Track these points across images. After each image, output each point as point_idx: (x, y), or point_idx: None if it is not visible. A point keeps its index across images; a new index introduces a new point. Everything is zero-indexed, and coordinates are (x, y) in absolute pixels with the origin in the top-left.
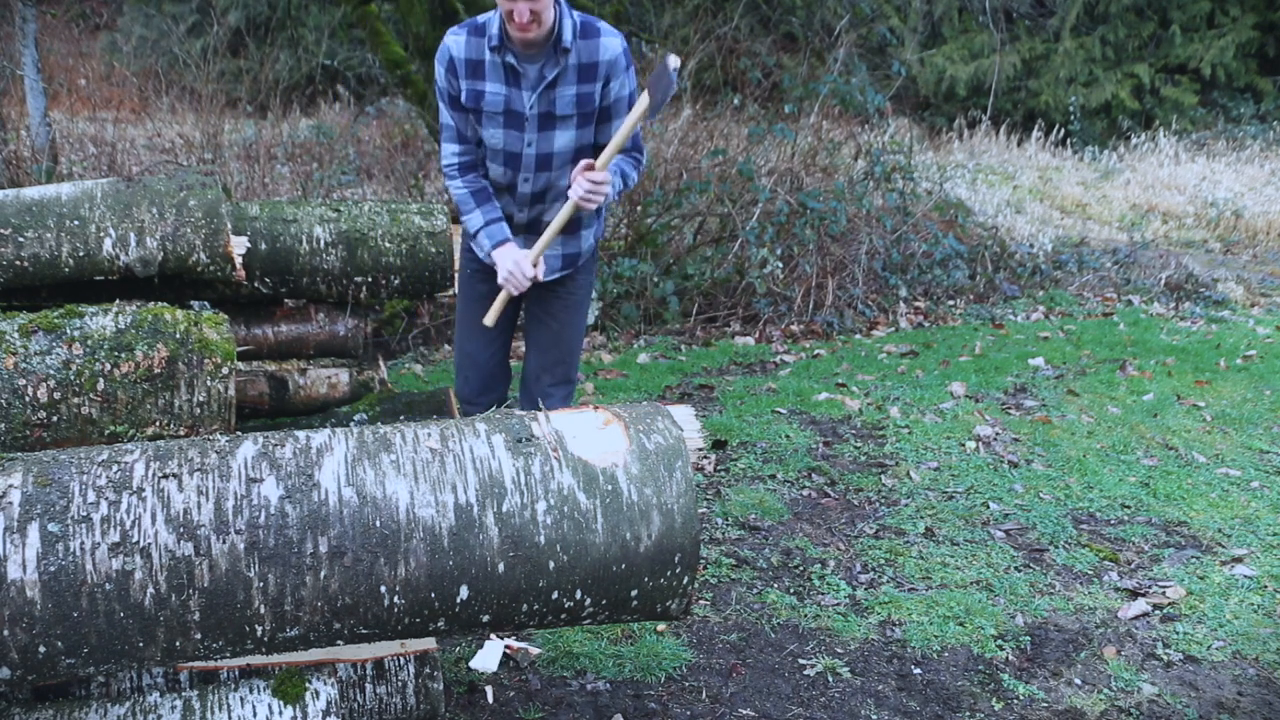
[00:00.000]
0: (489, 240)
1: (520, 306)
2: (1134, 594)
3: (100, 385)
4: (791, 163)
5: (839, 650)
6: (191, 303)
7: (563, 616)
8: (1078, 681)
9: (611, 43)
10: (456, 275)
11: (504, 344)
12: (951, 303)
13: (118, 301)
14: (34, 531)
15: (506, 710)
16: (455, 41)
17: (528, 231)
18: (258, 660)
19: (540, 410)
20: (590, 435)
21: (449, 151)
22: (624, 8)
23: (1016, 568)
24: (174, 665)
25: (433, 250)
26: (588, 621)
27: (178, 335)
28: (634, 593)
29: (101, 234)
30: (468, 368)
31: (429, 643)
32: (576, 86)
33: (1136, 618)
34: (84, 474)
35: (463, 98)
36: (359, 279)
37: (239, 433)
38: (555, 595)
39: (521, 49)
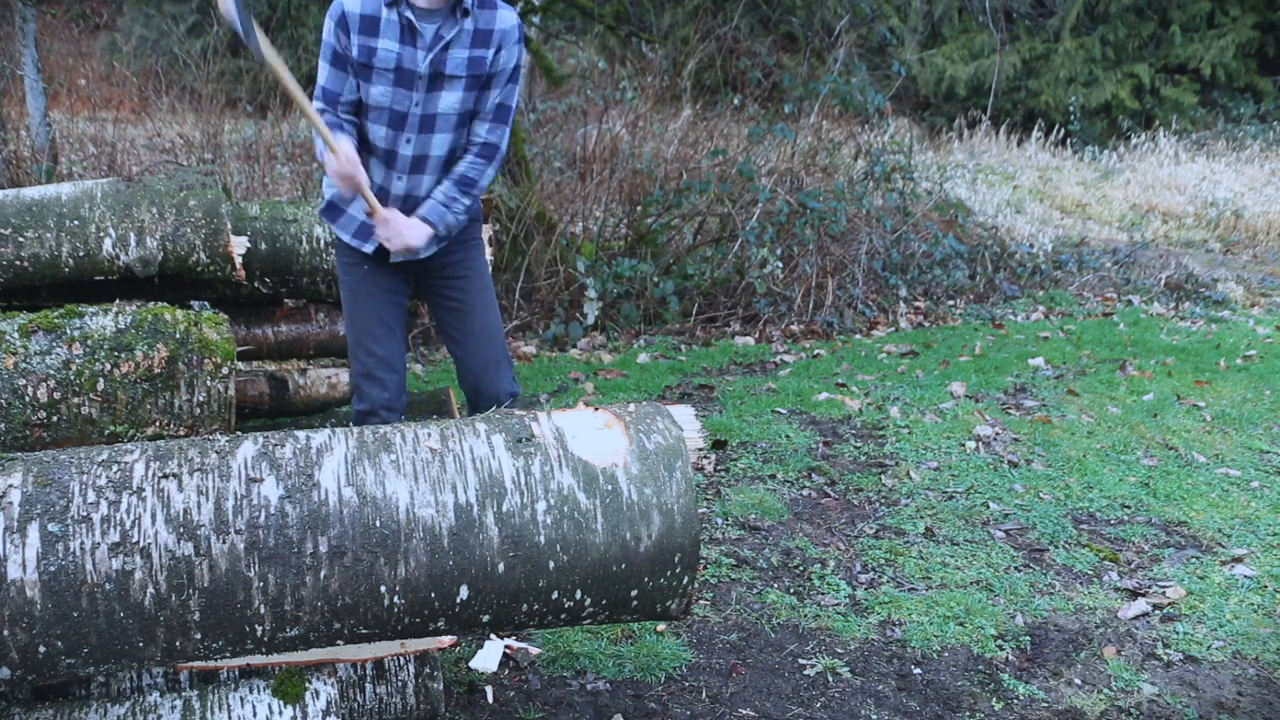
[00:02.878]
0: (329, 130)
1: (407, 299)
2: (1134, 594)
3: (100, 385)
4: (791, 163)
5: (839, 650)
6: (191, 303)
7: (563, 616)
8: (1078, 681)
9: (508, 15)
10: (338, 274)
11: (403, 338)
12: (951, 303)
13: (118, 301)
14: (34, 531)
15: (506, 710)
16: None
17: (403, 206)
18: (258, 660)
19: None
20: (590, 435)
21: (315, 108)
22: (624, 8)
23: (1016, 568)
24: (174, 665)
25: None
26: (588, 621)
27: (178, 335)
28: (634, 593)
29: (101, 234)
30: (383, 372)
31: (449, 638)
32: (469, 50)
33: (1136, 618)
34: (84, 474)
35: (354, 53)
36: None
37: (239, 433)
38: (555, 595)
39: (423, 8)
